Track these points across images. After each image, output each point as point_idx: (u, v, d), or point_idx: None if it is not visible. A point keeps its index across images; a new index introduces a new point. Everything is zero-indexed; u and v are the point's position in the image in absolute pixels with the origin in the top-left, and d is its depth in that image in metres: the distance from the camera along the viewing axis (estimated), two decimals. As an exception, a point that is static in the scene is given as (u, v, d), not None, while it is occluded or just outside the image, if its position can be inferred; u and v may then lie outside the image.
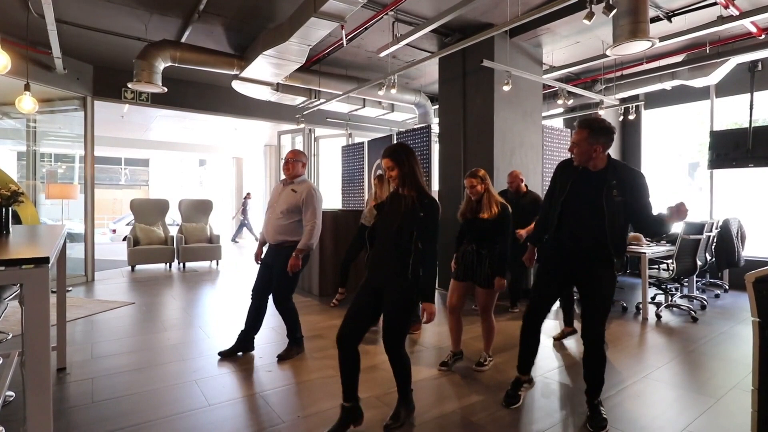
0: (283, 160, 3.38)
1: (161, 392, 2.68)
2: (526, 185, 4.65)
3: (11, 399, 2.54)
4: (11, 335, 2.79)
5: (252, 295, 3.36)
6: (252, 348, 3.38)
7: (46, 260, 1.15)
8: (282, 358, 3.23)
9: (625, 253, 2.36)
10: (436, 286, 2.27)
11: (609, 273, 2.34)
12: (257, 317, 3.36)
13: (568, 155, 2.43)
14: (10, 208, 2.11)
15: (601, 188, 2.29)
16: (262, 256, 3.39)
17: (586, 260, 2.35)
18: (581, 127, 2.32)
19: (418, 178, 2.24)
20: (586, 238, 2.33)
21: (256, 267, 3.42)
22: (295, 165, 3.31)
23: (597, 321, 2.32)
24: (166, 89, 5.22)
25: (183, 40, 5.32)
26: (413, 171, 2.23)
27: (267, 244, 3.38)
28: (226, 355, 3.27)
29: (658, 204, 2.33)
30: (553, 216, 2.45)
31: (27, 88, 4.20)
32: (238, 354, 3.32)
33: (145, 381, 2.85)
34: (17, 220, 4.26)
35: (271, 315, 3.59)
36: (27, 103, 4.26)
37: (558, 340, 3.74)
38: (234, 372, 3.02)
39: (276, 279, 3.23)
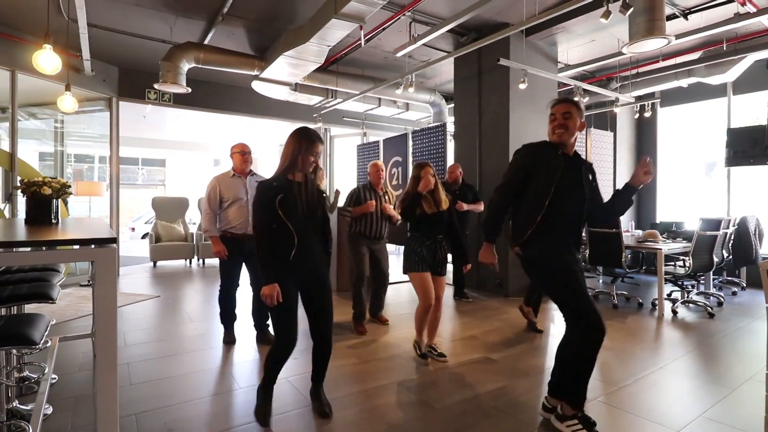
0: (244, 153, 3.62)
1: (193, 376, 2.82)
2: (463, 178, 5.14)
3: (54, 381, 2.70)
4: (54, 320, 2.95)
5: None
6: None
7: (114, 240, 1.28)
8: None
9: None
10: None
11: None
12: None
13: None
14: (59, 200, 2.26)
15: (581, 172, 2.22)
16: None
17: (577, 248, 2.25)
18: (568, 102, 2.20)
19: None
20: (574, 227, 2.23)
21: None
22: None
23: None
24: (190, 89, 5.39)
25: (206, 42, 5.49)
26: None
27: None
28: None
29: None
30: (538, 208, 2.14)
31: (68, 88, 4.51)
32: None
33: (176, 366, 3.00)
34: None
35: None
36: (68, 102, 4.56)
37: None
38: (260, 359, 3.14)
39: None
